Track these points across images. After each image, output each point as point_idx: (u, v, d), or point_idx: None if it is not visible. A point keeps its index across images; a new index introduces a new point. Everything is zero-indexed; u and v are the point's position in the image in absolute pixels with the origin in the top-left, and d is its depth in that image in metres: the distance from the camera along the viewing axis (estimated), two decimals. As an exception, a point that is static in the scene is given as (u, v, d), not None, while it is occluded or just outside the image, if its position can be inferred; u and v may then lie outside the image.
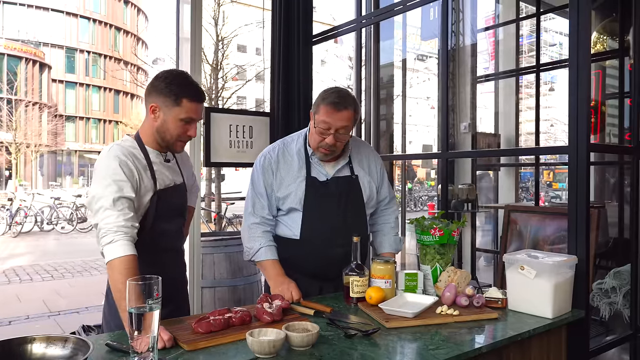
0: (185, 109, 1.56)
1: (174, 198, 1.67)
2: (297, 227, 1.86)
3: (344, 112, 1.74)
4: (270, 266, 1.84)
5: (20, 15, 35.23)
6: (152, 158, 1.62)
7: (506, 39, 5.11)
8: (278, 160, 1.89)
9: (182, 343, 1.29)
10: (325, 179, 1.88)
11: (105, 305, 1.65)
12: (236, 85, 11.85)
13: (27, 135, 30.10)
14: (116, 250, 1.40)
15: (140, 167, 1.56)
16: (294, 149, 1.91)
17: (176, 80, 1.57)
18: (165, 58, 11.07)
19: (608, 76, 4.23)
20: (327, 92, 1.79)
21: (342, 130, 1.76)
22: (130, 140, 1.62)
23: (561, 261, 1.64)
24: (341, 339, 1.38)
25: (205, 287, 3.25)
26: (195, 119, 1.60)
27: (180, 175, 1.73)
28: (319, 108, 1.77)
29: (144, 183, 1.56)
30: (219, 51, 10.49)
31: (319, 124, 1.76)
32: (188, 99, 1.56)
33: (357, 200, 1.91)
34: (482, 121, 6.45)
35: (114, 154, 1.52)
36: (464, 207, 4.13)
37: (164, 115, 1.57)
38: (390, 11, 3.07)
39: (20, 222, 12.01)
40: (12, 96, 30.89)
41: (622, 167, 3.51)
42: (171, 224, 1.67)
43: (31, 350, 1.15)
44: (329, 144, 1.77)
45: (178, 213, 1.71)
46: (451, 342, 1.37)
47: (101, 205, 1.45)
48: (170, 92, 1.55)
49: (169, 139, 1.60)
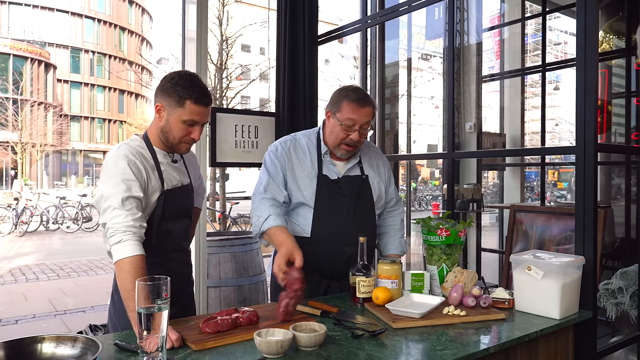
0: (188, 111, 1.54)
1: (181, 198, 1.67)
2: (308, 225, 1.86)
3: (367, 108, 1.80)
4: (279, 232, 1.71)
5: (26, 16, 35.43)
6: (160, 158, 1.62)
7: (511, 38, 5.09)
8: (290, 153, 1.89)
9: (191, 343, 1.30)
10: (336, 177, 1.89)
11: (111, 306, 1.65)
12: (240, 85, 11.88)
13: (32, 135, 30.26)
14: (124, 250, 1.40)
15: (148, 166, 1.56)
16: (306, 145, 1.92)
17: (182, 81, 1.55)
18: (170, 58, 11.10)
19: (614, 75, 4.21)
20: (347, 90, 1.83)
21: (366, 125, 1.80)
22: (138, 139, 1.62)
23: (569, 262, 1.64)
24: (348, 339, 1.38)
25: (211, 287, 3.26)
26: (199, 122, 1.57)
27: (187, 176, 1.73)
28: (342, 105, 1.80)
29: (151, 183, 1.56)
30: (223, 51, 10.51)
31: (344, 120, 1.79)
32: (192, 101, 1.53)
33: (367, 200, 1.92)
34: (487, 120, 6.44)
35: (123, 153, 1.52)
36: (470, 207, 4.13)
37: (168, 116, 1.56)
38: (395, 11, 3.07)
39: (26, 221, 12.09)
40: (18, 96, 31.06)
41: (629, 167, 3.49)
42: (178, 224, 1.67)
43: (41, 349, 1.15)
44: (354, 140, 1.80)
45: (184, 214, 1.71)
46: (458, 343, 1.37)
47: (109, 204, 1.45)
48: (174, 93, 1.54)
49: (172, 140, 1.59)
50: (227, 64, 10.83)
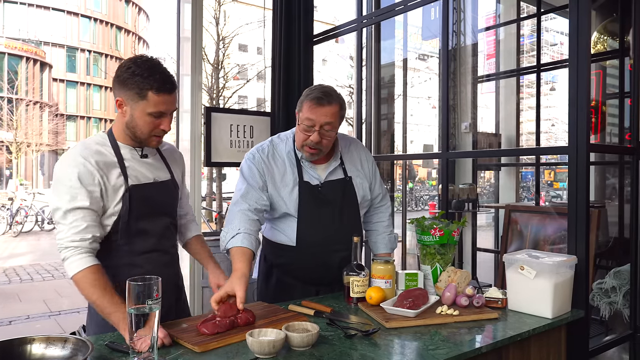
0: (152, 103, 1.41)
1: (155, 195, 1.54)
2: (293, 234, 1.81)
3: (328, 107, 1.69)
4: (238, 255, 1.60)
5: (21, 14, 35.25)
6: (125, 154, 1.50)
7: (507, 39, 5.10)
8: (269, 161, 1.81)
9: (192, 345, 1.28)
10: (318, 182, 1.82)
11: (88, 314, 1.57)
12: (237, 84, 11.87)
13: (27, 135, 30.11)
14: (72, 267, 1.36)
15: (105, 165, 1.45)
16: (284, 151, 1.84)
17: (139, 70, 1.40)
18: (166, 57, 11.06)
19: (609, 76, 4.23)
20: (310, 89, 1.75)
21: (327, 126, 1.70)
22: (100, 136, 1.52)
23: (561, 261, 1.65)
24: (341, 339, 1.38)
25: (206, 287, 3.25)
26: (166, 111, 1.44)
27: (166, 172, 1.62)
28: (302, 105, 1.73)
29: (110, 182, 1.45)
30: (219, 50, 10.50)
31: (303, 121, 1.71)
32: (154, 91, 1.40)
33: (351, 203, 1.87)
34: (483, 121, 6.45)
35: (71, 157, 1.43)
36: (465, 207, 4.14)
37: (131, 110, 1.43)
38: (391, 11, 3.07)
39: (20, 221, 12.02)
40: (13, 95, 30.89)
41: (623, 167, 3.51)
42: (153, 223, 1.55)
43: (30, 350, 1.15)
44: (313, 141, 1.71)
45: (163, 212, 1.58)
46: (451, 342, 1.37)
47: (56, 218, 1.41)
48: (133, 85, 1.40)
49: (140, 135, 1.47)
50: (223, 64, 10.82)
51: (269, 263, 1.95)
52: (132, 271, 1.39)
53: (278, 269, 1.89)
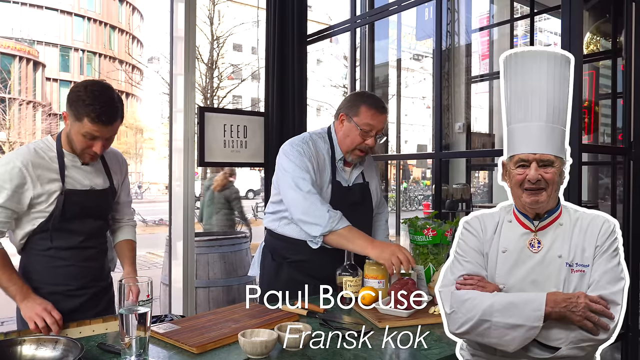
0: (86, 127, 1.51)
1: (88, 201, 1.64)
2: None
3: (385, 115, 1.84)
4: (358, 232, 1.70)
5: (14, 13, 35.00)
6: (67, 160, 1.61)
7: (501, 39, 5.13)
8: (316, 155, 1.84)
9: (190, 347, 1.27)
10: (346, 184, 1.90)
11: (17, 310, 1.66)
12: (232, 84, 11.85)
13: (20, 134, 29.91)
14: None
15: (41, 170, 1.56)
16: (323, 149, 1.89)
17: (85, 95, 1.50)
18: (160, 57, 11.04)
19: (602, 76, 4.26)
20: (365, 96, 1.86)
21: (380, 132, 1.83)
22: (50, 139, 1.63)
23: (553, 261, 1.65)
24: (334, 340, 1.37)
25: (200, 287, 3.25)
26: (99, 137, 1.54)
27: (106, 179, 1.71)
28: (360, 110, 1.80)
29: (43, 187, 1.56)
30: (214, 50, 10.48)
31: (362, 125, 1.79)
32: (89, 119, 1.49)
33: (368, 206, 1.96)
34: (477, 121, 6.48)
35: (12, 156, 1.56)
36: (458, 207, 4.15)
37: (70, 126, 1.55)
38: (385, 11, 3.08)
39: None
40: (6, 95, 30.66)
41: (615, 167, 3.53)
42: (83, 224, 1.65)
43: (21, 351, 1.14)
44: (369, 145, 1.82)
45: (94, 216, 1.69)
46: (444, 342, 1.37)
47: None
48: (74, 107, 1.51)
49: (75, 149, 1.59)
50: (218, 64, 10.80)
51: (278, 259, 1.94)
52: (54, 262, 1.59)
53: (290, 266, 1.89)
